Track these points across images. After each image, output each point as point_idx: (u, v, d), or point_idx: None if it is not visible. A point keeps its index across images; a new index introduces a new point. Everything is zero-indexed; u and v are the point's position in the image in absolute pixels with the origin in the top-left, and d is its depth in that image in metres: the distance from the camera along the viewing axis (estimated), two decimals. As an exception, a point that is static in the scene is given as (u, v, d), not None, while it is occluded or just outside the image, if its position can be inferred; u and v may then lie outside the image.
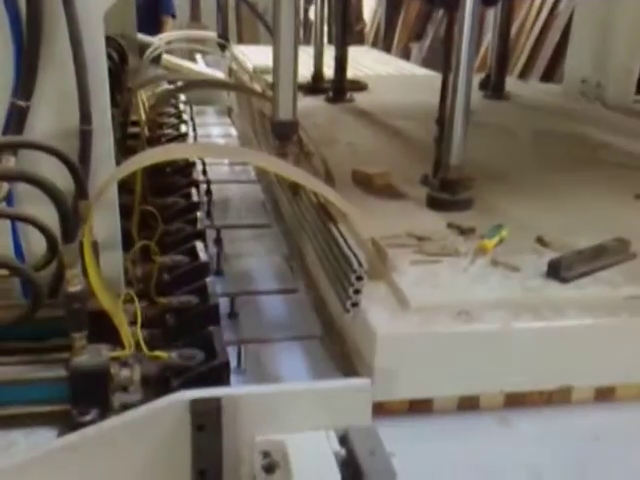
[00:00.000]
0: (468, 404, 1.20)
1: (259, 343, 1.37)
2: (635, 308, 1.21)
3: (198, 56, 4.24)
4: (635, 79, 2.92)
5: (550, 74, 4.71)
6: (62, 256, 1.17)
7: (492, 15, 3.31)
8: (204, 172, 2.16)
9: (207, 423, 1.04)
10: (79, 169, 1.28)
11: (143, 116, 2.57)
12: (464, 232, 1.47)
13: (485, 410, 1.20)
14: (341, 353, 1.31)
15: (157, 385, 1.12)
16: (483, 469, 1.08)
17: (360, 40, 7.92)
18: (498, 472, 1.08)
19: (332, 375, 1.22)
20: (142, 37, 3.02)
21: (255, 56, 3.35)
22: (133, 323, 1.28)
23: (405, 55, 7.11)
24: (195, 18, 7.98)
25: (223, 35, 3.26)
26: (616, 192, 1.75)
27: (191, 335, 1.27)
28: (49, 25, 1.26)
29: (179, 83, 2.65)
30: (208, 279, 1.42)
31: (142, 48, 3.01)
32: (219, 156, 2.23)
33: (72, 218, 1.20)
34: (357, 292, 1.16)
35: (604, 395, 1.23)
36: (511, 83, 3.14)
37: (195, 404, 1.04)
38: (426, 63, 5.67)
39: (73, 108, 1.31)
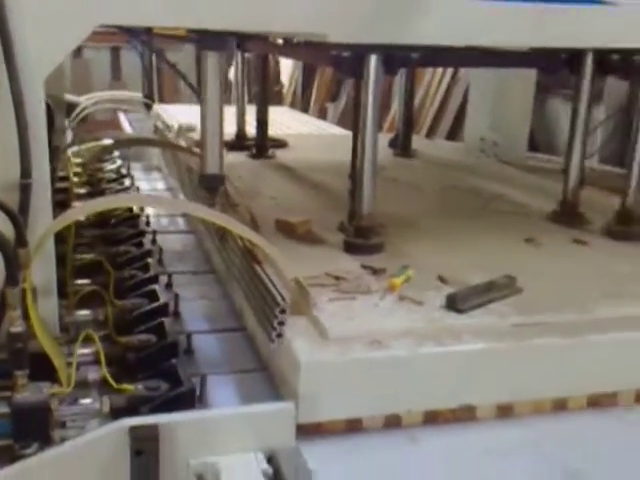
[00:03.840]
0: (393, 422, 1.35)
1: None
2: (520, 334, 1.41)
3: (122, 116, 4.36)
4: (526, 138, 3.27)
5: (454, 133, 5.12)
6: (6, 298, 1.25)
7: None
8: (147, 223, 2.28)
9: (145, 448, 1.14)
10: (19, 219, 1.38)
11: (72, 172, 2.67)
12: (376, 272, 1.66)
13: (405, 427, 1.34)
14: (270, 383, 1.44)
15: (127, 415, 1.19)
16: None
17: (279, 101, 8.25)
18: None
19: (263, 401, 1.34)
20: (69, 97, 3.12)
21: (178, 115, 3.52)
22: (96, 362, 1.38)
23: (322, 115, 7.46)
24: (116, 77, 8.09)
25: (148, 95, 3.41)
26: (508, 237, 1.99)
27: (154, 369, 1.37)
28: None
29: (110, 141, 2.76)
30: (166, 319, 1.54)
31: (69, 108, 3.11)
32: (156, 206, 2.35)
33: (15, 263, 1.29)
34: (281, 324, 1.30)
35: (504, 412, 1.41)
36: (418, 142, 3.45)
37: (134, 431, 1.14)
38: (341, 122, 6.00)
39: (14, 163, 1.41)
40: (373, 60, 1.66)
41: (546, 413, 1.41)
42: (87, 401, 1.31)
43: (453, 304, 1.47)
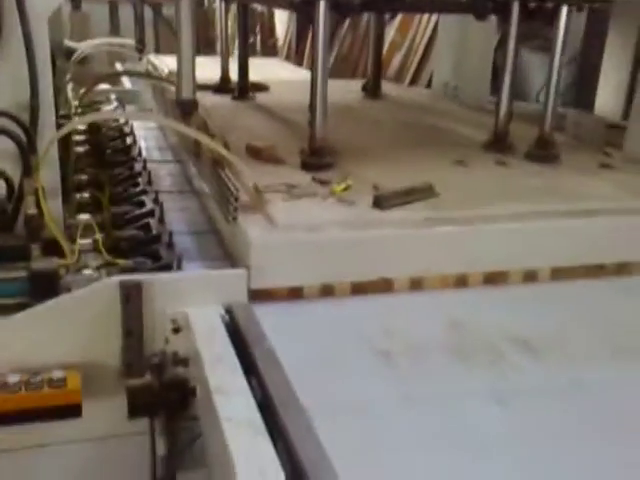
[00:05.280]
0: (328, 291, 1.73)
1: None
2: (428, 224, 1.79)
3: (117, 63, 4.69)
4: (487, 83, 3.58)
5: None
6: (24, 187, 1.63)
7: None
8: (140, 153, 2.64)
9: (132, 296, 1.52)
10: (31, 130, 1.75)
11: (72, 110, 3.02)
12: (323, 183, 2.02)
13: (338, 296, 1.72)
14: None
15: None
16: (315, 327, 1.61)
17: (274, 53, 8.51)
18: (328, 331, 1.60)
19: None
20: (69, 43, 3.45)
21: (170, 63, 3.84)
22: (95, 250, 1.77)
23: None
24: (114, 31, 8.33)
25: (140, 41, 3.74)
26: (443, 160, 2.35)
27: (141, 253, 1.76)
28: (7, 28, 1.72)
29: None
30: (152, 220, 1.92)
31: (69, 52, 3.44)
32: (145, 119, 2.71)
33: (29, 159, 1.66)
34: (235, 209, 1.69)
35: (416, 285, 1.78)
36: (390, 87, 3.78)
37: (123, 283, 1.53)
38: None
39: (25, 88, 1.76)
40: (322, 5, 1.99)
41: (450, 287, 1.80)
42: (88, 272, 1.70)
43: (378, 203, 1.84)
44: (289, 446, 1.12)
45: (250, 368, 1.36)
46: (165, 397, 1.53)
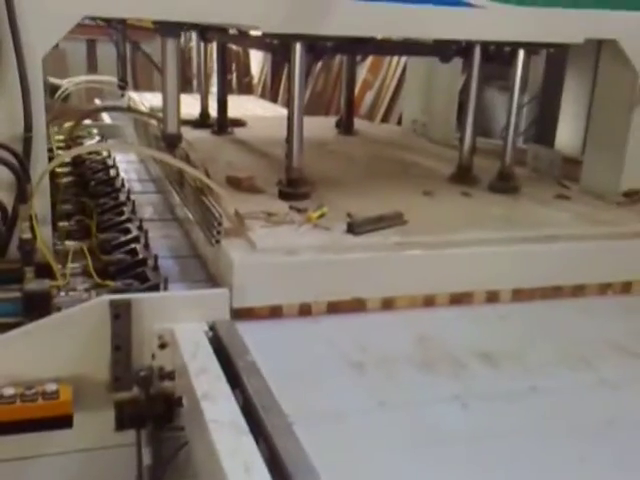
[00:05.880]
0: (305, 310, 1.85)
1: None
2: (398, 248, 1.93)
3: (96, 100, 4.82)
4: (454, 120, 3.79)
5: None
6: (19, 213, 1.73)
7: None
8: (123, 184, 2.75)
9: (121, 314, 1.63)
10: (25, 161, 1.86)
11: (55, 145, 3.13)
12: (300, 211, 2.16)
13: (314, 315, 1.84)
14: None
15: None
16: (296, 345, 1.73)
17: (249, 91, 8.73)
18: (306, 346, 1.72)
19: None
20: (52, 80, 3.57)
21: (150, 99, 3.99)
22: (84, 273, 1.86)
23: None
24: (92, 68, 8.50)
25: (123, 79, 3.89)
26: (412, 191, 2.51)
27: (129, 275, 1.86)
28: (4, 66, 1.83)
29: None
30: (138, 245, 2.03)
31: (52, 89, 3.57)
32: (133, 151, 2.83)
33: (25, 186, 1.77)
34: (219, 233, 1.80)
35: (387, 304, 1.91)
36: (362, 124, 3.96)
37: (113, 301, 1.63)
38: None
39: (19, 121, 1.87)
40: (298, 47, 2.16)
41: (419, 306, 1.93)
42: (78, 293, 1.80)
43: (352, 229, 1.98)
44: (271, 444, 1.22)
45: (233, 378, 1.46)
46: (151, 409, 1.62)
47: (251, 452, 1.19)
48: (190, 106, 3.61)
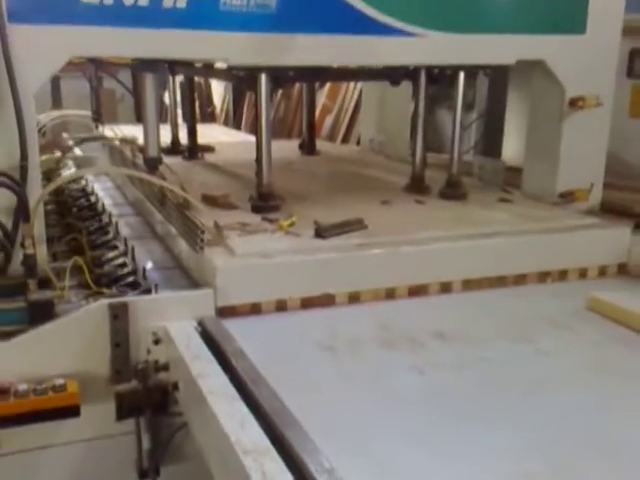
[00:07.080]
0: (282, 306, 2.08)
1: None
2: (362, 248, 2.19)
3: (64, 134, 5.02)
4: (407, 138, 4.08)
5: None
6: (23, 231, 1.94)
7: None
8: (104, 209, 2.97)
9: (119, 315, 1.84)
10: (23, 187, 2.07)
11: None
12: (271, 221, 2.41)
13: (290, 310, 2.08)
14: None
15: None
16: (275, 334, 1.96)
17: (212, 120, 9.00)
18: (284, 336, 1.95)
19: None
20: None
21: (124, 130, 4.21)
22: (80, 286, 2.07)
23: (253, 131, 8.22)
24: (57, 104, 8.66)
25: (97, 113, 4.11)
26: (371, 201, 2.78)
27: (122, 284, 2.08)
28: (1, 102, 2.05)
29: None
30: (126, 259, 2.25)
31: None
32: (113, 173, 3.04)
33: (27, 208, 1.98)
34: (202, 241, 2.04)
35: (354, 299, 2.16)
36: (324, 145, 4.25)
37: (111, 304, 1.85)
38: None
39: (16, 151, 2.08)
40: (263, 77, 2.42)
41: (381, 299, 2.18)
42: (77, 301, 2.00)
43: (319, 233, 2.23)
44: (260, 407, 1.45)
45: (223, 362, 1.69)
46: (149, 398, 1.83)
47: (244, 413, 1.42)
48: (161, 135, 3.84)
